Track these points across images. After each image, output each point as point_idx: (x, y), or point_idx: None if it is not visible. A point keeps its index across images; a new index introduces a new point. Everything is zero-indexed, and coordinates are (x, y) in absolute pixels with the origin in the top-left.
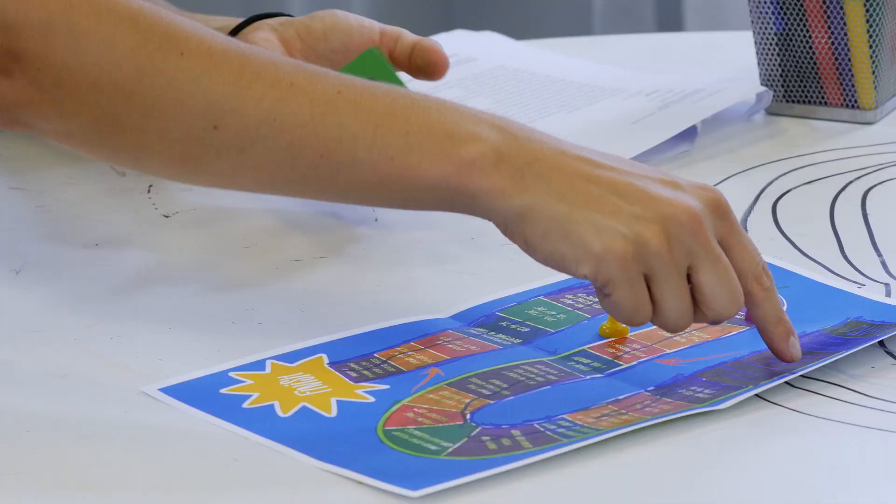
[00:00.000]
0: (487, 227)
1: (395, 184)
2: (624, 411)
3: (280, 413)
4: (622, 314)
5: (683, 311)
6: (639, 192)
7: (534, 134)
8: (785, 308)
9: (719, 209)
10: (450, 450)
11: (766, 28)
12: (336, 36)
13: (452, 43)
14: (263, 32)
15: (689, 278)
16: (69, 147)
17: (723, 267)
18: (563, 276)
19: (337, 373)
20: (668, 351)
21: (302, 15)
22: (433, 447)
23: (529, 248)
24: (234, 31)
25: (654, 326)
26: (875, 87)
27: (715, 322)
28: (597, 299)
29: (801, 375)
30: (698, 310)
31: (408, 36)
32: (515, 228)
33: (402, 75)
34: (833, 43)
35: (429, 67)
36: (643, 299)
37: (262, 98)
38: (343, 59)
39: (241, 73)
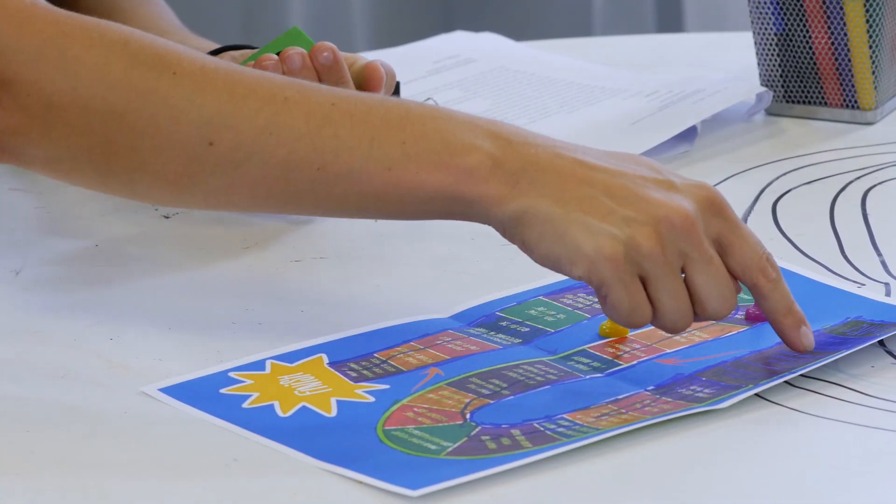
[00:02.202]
0: (487, 228)
1: (392, 194)
2: (624, 411)
3: (280, 413)
4: (620, 315)
5: (682, 311)
6: (632, 195)
7: (528, 137)
8: None
9: (714, 207)
10: (449, 449)
11: (766, 28)
12: None
13: (452, 44)
14: None
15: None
16: (58, 176)
17: (715, 268)
18: (562, 277)
19: (337, 373)
20: (668, 350)
21: (302, 17)
22: (433, 447)
23: (527, 249)
24: None
25: (652, 326)
26: (875, 88)
27: (709, 320)
28: (597, 300)
29: (801, 375)
30: (698, 307)
31: (361, 61)
32: (514, 231)
33: None
34: (833, 43)
35: (362, 83)
36: (640, 300)
37: (256, 113)
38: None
39: (235, 89)
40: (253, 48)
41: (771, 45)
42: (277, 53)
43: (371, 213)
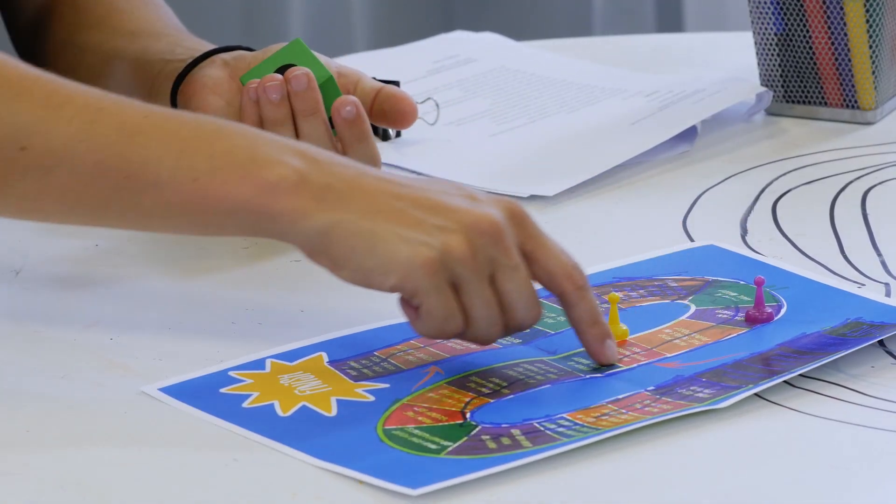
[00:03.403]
0: None
1: (197, 206)
2: (624, 411)
3: (280, 412)
4: (434, 323)
5: (493, 320)
6: (439, 206)
7: (335, 158)
8: (785, 310)
9: (517, 217)
10: (450, 448)
11: (766, 28)
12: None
13: (452, 44)
14: (214, 69)
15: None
16: None
17: (522, 275)
18: None
19: (337, 371)
20: (668, 355)
21: (302, 17)
22: (433, 446)
23: (335, 266)
24: (193, 64)
25: (652, 329)
26: (875, 87)
27: (515, 331)
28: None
29: (801, 375)
30: (507, 317)
31: (368, 81)
32: (320, 248)
33: (325, 62)
34: (833, 43)
35: (397, 115)
36: (453, 307)
37: (70, 120)
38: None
39: (51, 97)
40: (247, 49)
41: (771, 45)
42: (279, 69)
43: (176, 226)
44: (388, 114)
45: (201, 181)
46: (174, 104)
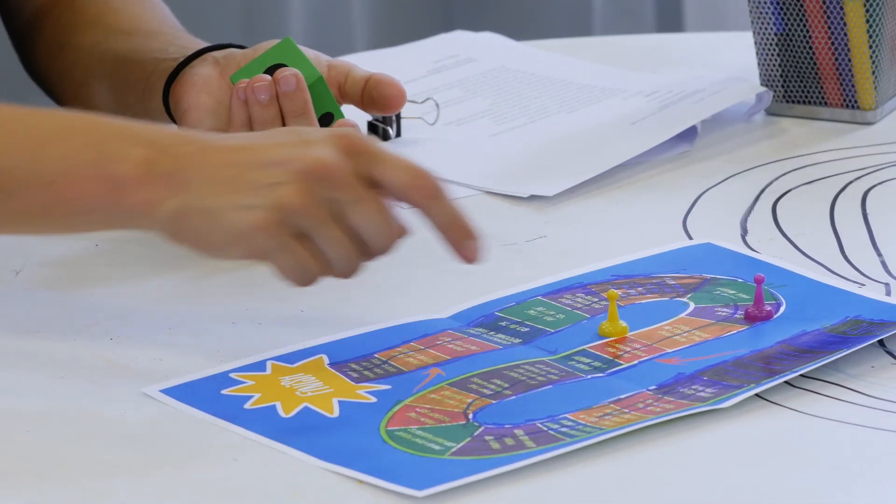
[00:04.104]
0: (487, 228)
1: (56, 209)
2: (626, 410)
3: (282, 413)
4: (292, 278)
5: (347, 256)
6: (271, 160)
7: (186, 139)
8: (783, 309)
9: (354, 147)
10: (453, 449)
11: (766, 28)
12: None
13: (452, 43)
14: (205, 67)
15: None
16: None
17: (367, 206)
18: (561, 276)
19: (338, 373)
20: (669, 350)
21: (302, 17)
22: (437, 447)
23: (195, 246)
24: (185, 63)
25: (651, 326)
26: (875, 87)
27: (378, 256)
28: (596, 300)
29: (801, 375)
30: (365, 248)
31: (358, 71)
32: (175, 232)
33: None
34: (833, 43)
35: (385, 101)
36: (304, 258)
37: None
38: None
39: None
40: (238, 47)
41: (771, 45)
42: (269, 69)
43: (44, 229)
44: (376, 100)
45: (55, 185)
46: (166, 103)
